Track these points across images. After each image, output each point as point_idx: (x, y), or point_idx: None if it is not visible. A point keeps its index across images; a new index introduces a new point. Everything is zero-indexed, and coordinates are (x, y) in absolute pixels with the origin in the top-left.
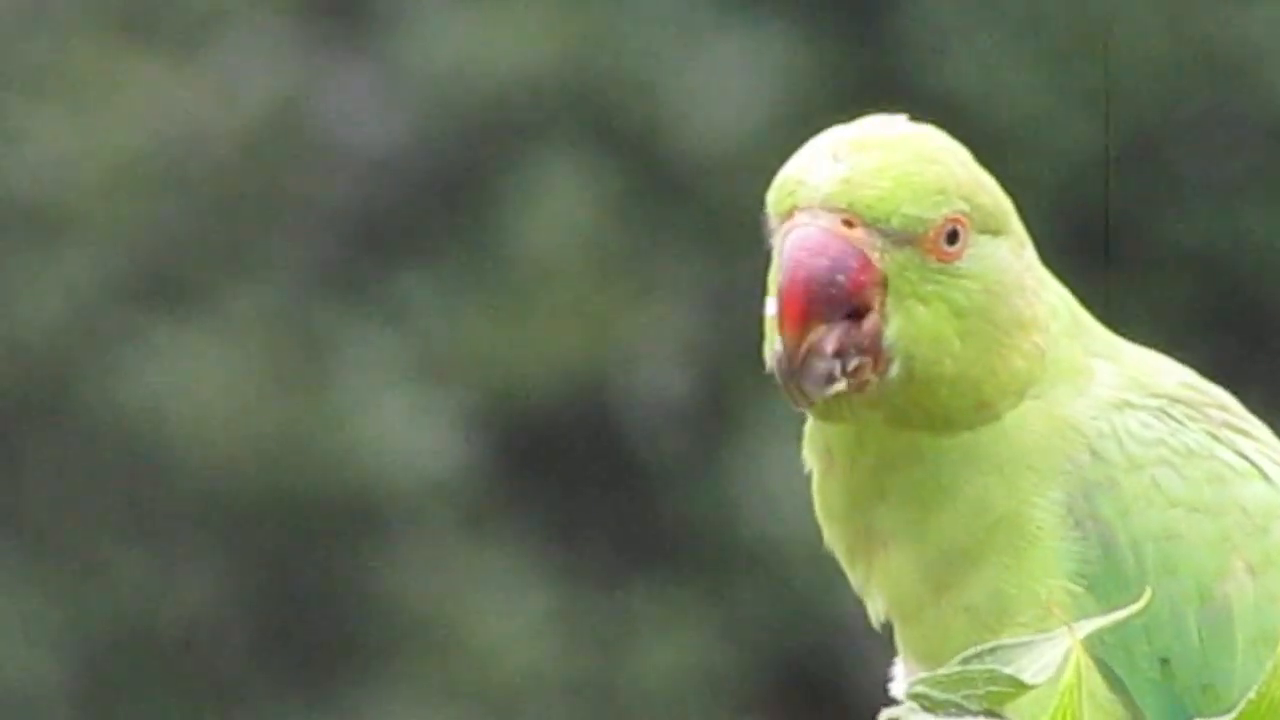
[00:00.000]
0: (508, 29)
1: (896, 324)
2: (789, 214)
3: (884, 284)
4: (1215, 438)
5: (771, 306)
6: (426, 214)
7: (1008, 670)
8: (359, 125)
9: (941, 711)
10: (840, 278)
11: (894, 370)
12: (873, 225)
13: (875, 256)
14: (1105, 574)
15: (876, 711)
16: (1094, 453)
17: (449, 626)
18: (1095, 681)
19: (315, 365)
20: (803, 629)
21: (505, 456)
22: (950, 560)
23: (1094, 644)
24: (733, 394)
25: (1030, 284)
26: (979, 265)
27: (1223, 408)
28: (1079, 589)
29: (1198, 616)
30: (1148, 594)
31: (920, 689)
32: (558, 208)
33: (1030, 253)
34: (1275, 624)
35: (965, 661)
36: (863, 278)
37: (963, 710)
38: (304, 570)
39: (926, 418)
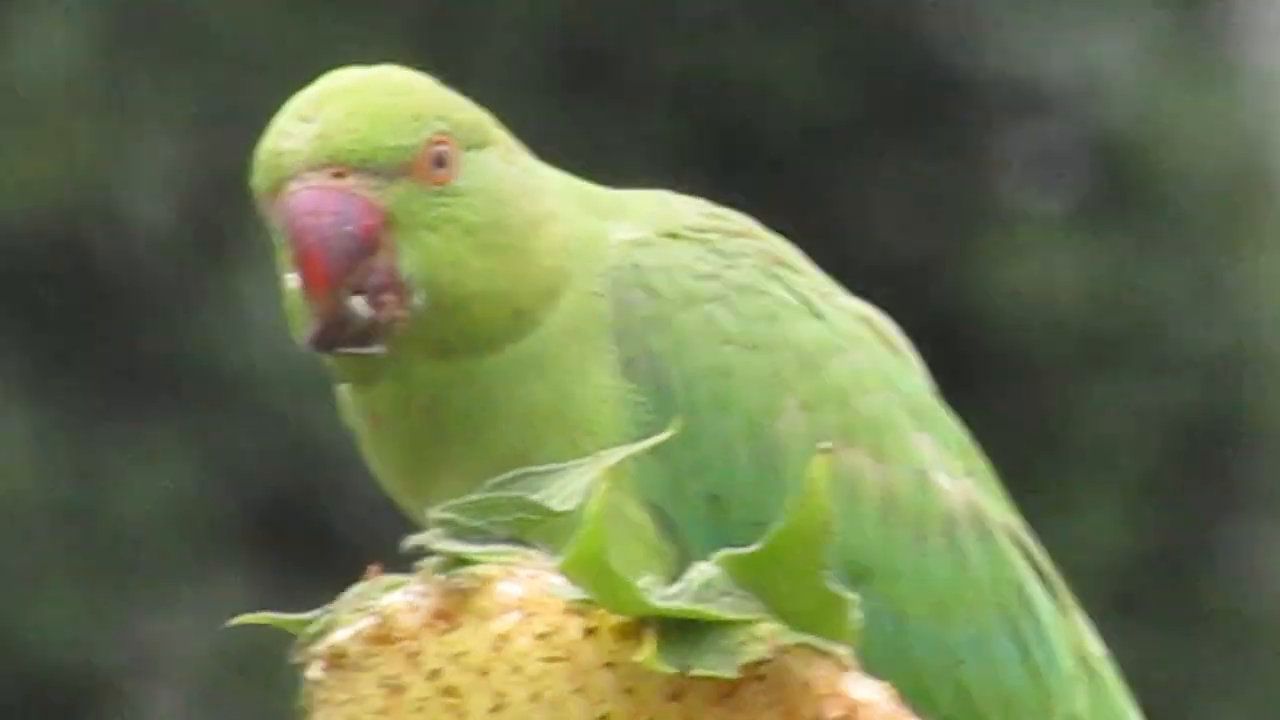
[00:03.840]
0: None
1: (411, 255)
2: (278, 189)
3: (390, 221)
4: (767, 274)
5: (293, 280)
6: None
7: (535, 497)
8: None
9: (468, 537)
10: (348, 228)
11: (419, 300)
12: (361, 168)
13: (374, 197)
14: (660, 415)
15: (355, 540)
16: (647, 288)
17: None
18: (640, 518)
19: None
20: (283, 460)
21: None
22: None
23: (643, 482)
24: (215, 224)
25: (533, 184)
26: (477, 180)
27: (750, 234)
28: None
29: (749, 454)
30: (677, 422)
31: (448, 515)
32: (39, 32)
33: (522, 155)
34: None
35: (494, 488)
36: (369, 221)
37: (490, 536)
38: None
39: (468, 340)
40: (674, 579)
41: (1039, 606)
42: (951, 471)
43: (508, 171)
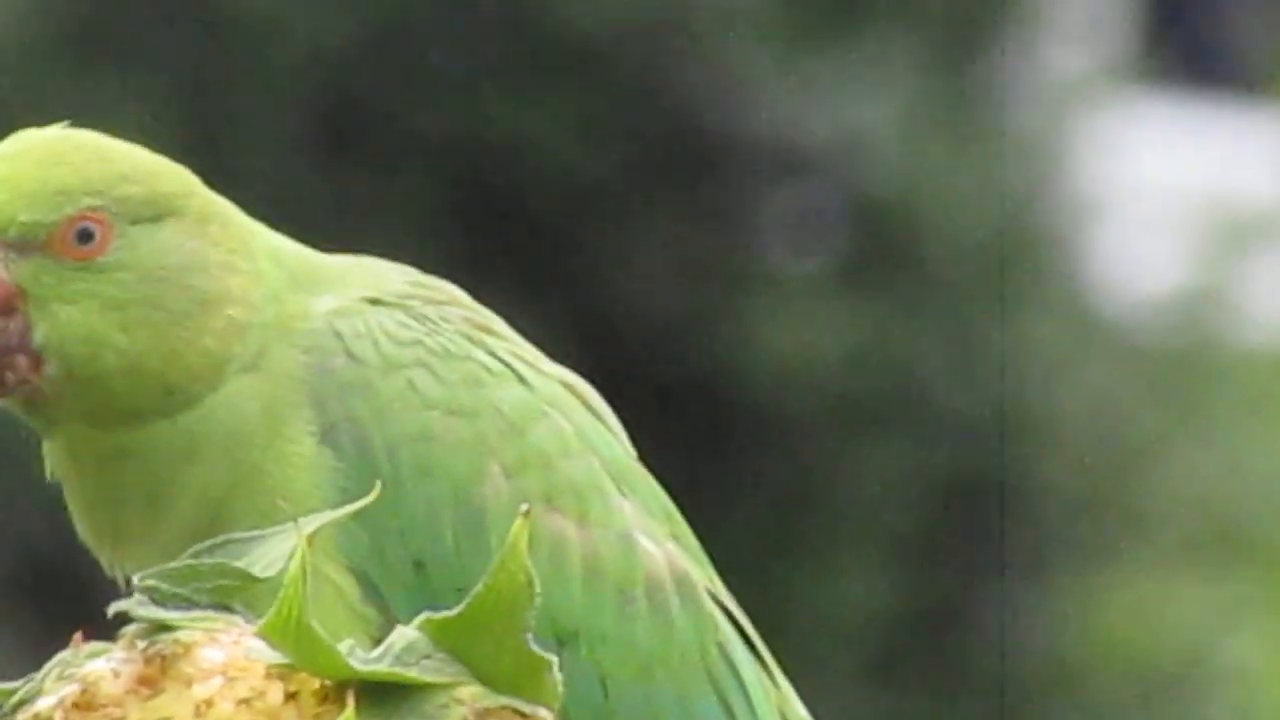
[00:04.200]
0: None
1: (43, 326)
2: None
3: (21, 293)
4: (470, 339)
5: None
6: None
7: (238, 563)
8: None
9: (171, 604)
10: None
11: (52, 369)
12: None
13: (1, 268)
14: (362, 481)
15: (116, 592)
16: (349, 354)
17: None
18: (344, 582)
19: None
20: (34, 511)
21: None
22: (193, 535)
23: (346, 547)
24: None
25: (218, 259)
26: (132, 255)
27: (456, 302)
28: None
29: (453, 519)
30: (377, 488)
31: (150, 582)
32: None
33: (222, 227)
34: None
35: (196, 555)
36: None
37: (192, 603)
38: None
39: (115, 413)
40: (378, 643)
41: (744, 670)
42: (655, 535)
43: (182, 247)
